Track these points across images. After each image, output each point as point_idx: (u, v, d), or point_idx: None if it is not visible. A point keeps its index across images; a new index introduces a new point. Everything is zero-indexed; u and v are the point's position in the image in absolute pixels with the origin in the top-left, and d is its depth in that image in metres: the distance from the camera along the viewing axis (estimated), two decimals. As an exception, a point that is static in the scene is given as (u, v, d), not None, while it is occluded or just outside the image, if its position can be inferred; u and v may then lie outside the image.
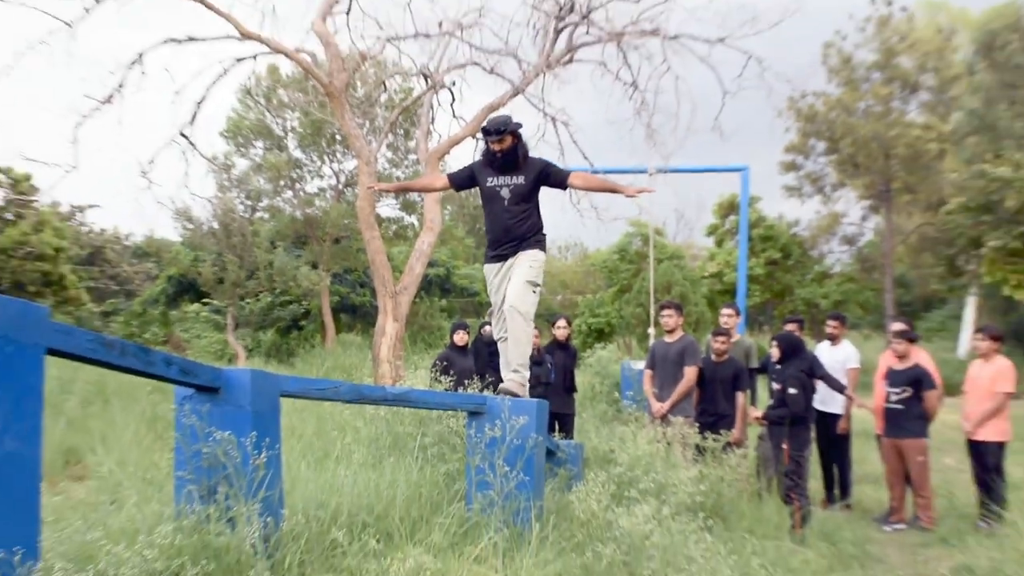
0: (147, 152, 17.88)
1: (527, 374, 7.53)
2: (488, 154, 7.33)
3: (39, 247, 39.36)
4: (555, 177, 7.28)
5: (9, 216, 40.86)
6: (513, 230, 7.28)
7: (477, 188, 7.72)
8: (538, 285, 7.32)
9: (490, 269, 7.46)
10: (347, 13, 16.95)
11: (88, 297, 42.07)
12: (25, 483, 3.57)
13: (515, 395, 7.08)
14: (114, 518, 5.43)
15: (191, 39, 16.17)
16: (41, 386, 3.68)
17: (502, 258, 7.35)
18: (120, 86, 16.05)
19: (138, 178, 17.59)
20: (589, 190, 9.01)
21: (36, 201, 35.95)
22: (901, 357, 10.18)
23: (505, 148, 7.14)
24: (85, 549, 4.14)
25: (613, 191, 7.63)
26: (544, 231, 7.52)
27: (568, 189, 7.90)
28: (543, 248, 7.44)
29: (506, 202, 7.23)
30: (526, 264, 7.17)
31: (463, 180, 7.62)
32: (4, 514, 3.45)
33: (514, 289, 7.11)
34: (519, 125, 7.26)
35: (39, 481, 3.66)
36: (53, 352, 3.86)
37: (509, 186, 7.21)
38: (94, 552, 3.96)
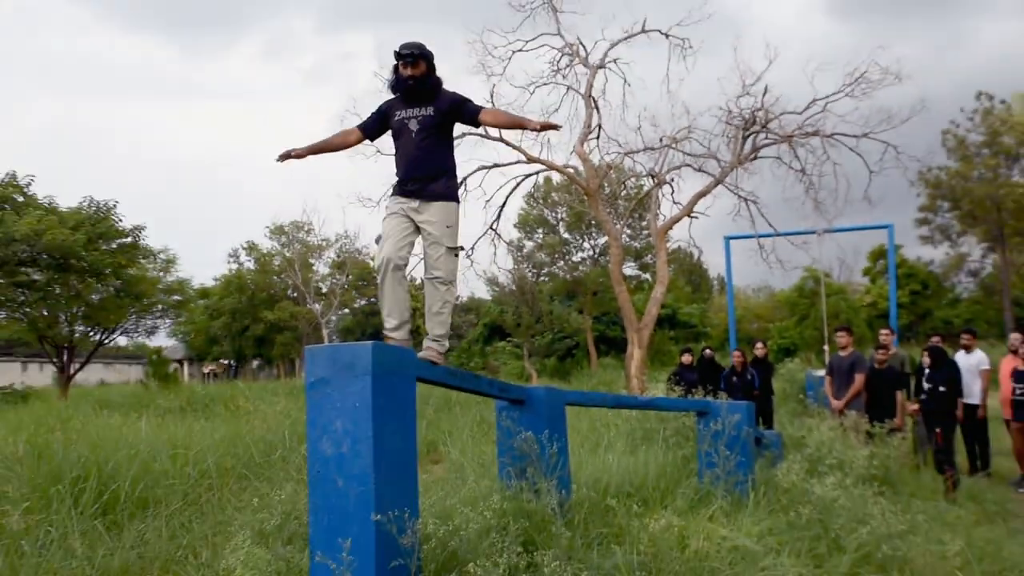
0: (469, 241, 18.64)
1: (447, 344, 4.93)
2: (398, 82, 4.94)
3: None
4: (467, 111, 4.92)
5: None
6: (422, 165, 4.87)
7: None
8: (460, 248, 4.99)
9: (394, 202, 4.86)
10: (596, 138, 17.23)
11: (433, 340, 43.94)
12: (409, 466, 3.79)
13: (434, 363, 4.61)
14: (461, 490, 5.66)
15: (496, 165, 16.85)
16: (414, 401, 3.92)
17: (411, 194, 4.79)
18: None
19: (464, 258, 18.35)
20: (498, 126, 5.40)
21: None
22: None
23: (417, 74, 4.83)
24: (445, 511, 4.33)
25: (521, 127, 5.18)
26: (456, 176, 5.12)
27: (480, 126, 5.36)
28: (456, 197, 4.99)
29: (414, 134, 4.84)
30: (443, 226, 4.80)
31: (373, 124, 5.06)
32: (398, 488, 3.67)
33: (437, 257, 4.77)
34: (432, 54, 4.97)
35: (416, 464, 3.88)
36: (420, 379, 4.10)
37: (418, 118, 4.86)
38: (451, 513, 4.13)
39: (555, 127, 4.96)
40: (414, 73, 4.78)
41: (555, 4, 16.59)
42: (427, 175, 4.80)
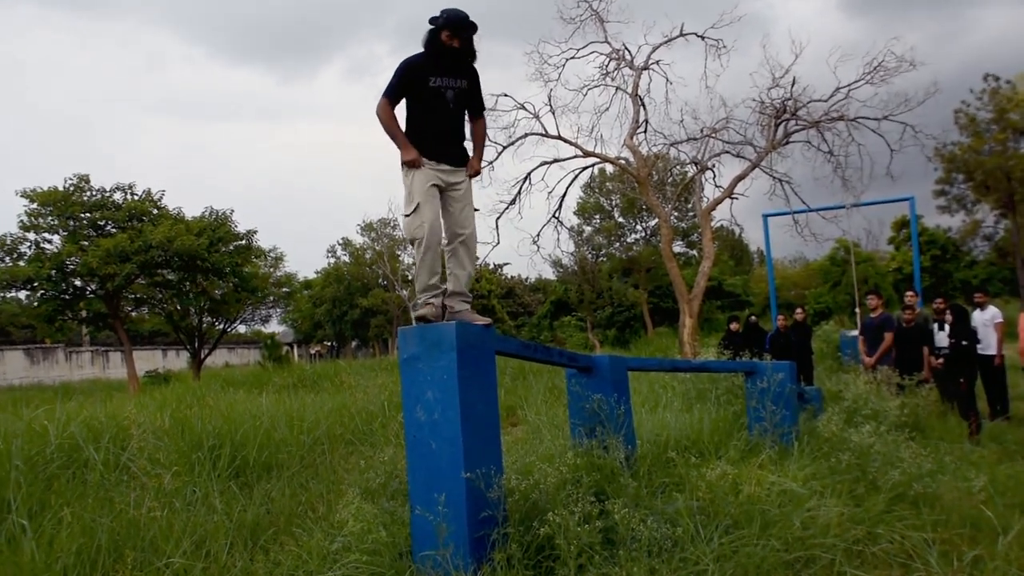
0: (535, 228, 18.80)
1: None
2: (447, 50, 4.21)
3: (482, 291, 41.79)
4: (477, 104, 4.51)
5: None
6: (459, 133, 4.41)
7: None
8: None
9: (430, 167, 4.20)
10: (644, 132, 17.00)
11: (507, 317, 44.16)
12: (492, 429, 3.83)
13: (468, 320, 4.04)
14: (538, 449, 5.68)
15: (556, 160, 16.82)
16: (495, 372, 3.94)
17: (446, 159, 4.25)
18: (519, 192, 16.96)
19: (531, 244, 18.40)
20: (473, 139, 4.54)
21: (478, 262, 38.10)
22: None
23: (466, 45, 4.27)
24: (526, 467, 4.35)
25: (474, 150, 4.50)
26: None
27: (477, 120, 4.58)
28: None
29: (451, 104, 4.29)
30: (471, 187, 4.41)
31: (400, 93, 4.25)
32: (487, 448, 3.71)
33: (470, 214, 4.37)
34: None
35: (499, 427, 3.91)
36: (498, 352, 4.12)
37: (454, 88, 4.29)
38: (531, 468, 4.15)
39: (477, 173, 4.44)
40: (463, 44, 4.24)
41: (601, 16, 16.38)
42: (461, 141, 4.40)
